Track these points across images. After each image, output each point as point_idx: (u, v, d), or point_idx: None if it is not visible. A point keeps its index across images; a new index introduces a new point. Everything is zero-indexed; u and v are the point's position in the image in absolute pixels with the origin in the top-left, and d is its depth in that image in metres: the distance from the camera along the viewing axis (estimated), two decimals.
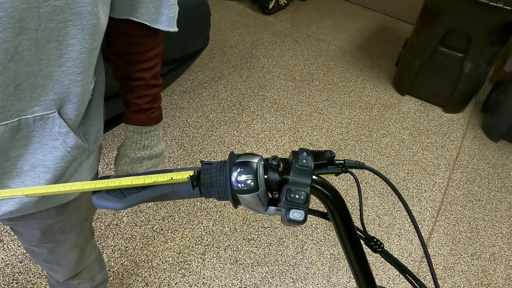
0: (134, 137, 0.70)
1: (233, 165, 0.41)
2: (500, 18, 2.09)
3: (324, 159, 0.46)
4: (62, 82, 0.51)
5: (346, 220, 0.48)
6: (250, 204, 0.42)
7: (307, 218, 0.41)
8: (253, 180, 0.40)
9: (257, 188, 0.41)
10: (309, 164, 0.42)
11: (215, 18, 3.01)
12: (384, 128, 2.36)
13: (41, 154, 0.56)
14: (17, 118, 0.50)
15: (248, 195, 0.41)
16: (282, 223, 0.43)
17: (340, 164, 0.47)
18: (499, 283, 1.67)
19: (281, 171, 0.42)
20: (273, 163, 0.42)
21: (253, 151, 2.02)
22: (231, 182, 0.41)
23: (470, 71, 2.35)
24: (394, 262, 0.54)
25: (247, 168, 0.41)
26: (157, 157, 0.74)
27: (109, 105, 1.93)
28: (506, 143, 2.44)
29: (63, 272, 0.86)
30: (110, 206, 0.41)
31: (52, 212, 0.68)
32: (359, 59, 2.95)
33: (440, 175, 2.12)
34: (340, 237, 0.49)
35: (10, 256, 1.41)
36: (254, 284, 1.49)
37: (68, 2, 0.45)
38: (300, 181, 0.42)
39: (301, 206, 0.41)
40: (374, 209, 1.85)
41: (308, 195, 0.41)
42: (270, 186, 0.42)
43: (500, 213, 1.97)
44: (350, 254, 0.50)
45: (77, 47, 0.49)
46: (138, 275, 1.44)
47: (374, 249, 0.54)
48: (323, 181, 0.45)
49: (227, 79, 2.47)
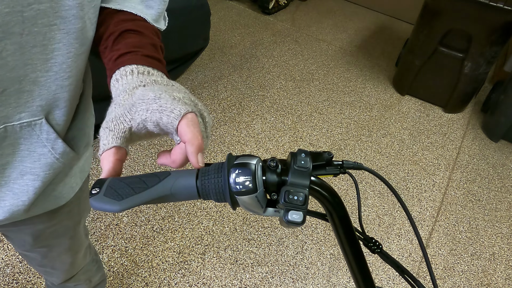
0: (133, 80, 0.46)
1: (231, 167, 0.41)
2: (500, 18, 2.09)
3: (322, 160, 0.46)
4: (49, 88, 0.49)
5: (344, 221, 0.48)
6: (248, 205, 0.42)
7: (305, 219, 0.41)
8: (252, 181, 0.40)
9: (255, 190, 0.40)
10: (307, 165, 0.42)
11: (215, 18, 3.01)
12: (384, 128, 2.36)
13: (29, 162, 0.54)
14: (3, 125, 0.49)
15: (246, 196, 0.40)
16: (280, 224, 0.43)
17: (338, 165, 0.47)
18: (499, 283, 1.67)
19: (280, 173, 0.42)
20: (271, 164, 0.42)
21: (253, 151, 2.02)
22: (229, 184, 0.40)
23: (470, 71, 2.35)
24: (393, 263, 0.54)
25: (245, 169, 0.40)
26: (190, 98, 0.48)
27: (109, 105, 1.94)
28: (506, 143, 2.44)
29: (58, 276, 0.86)
30: (108, 209, 0.41)
31: (43, 217, 0.66)
32: (359, 59, 2.95)
33: (440, 175, 2.12)
34: (338, 238, 0.49)
35: (10, 256, 1.41)
36: (254, 284, 1.49)
37: (52, 5, 0.44)
38: (298, 183, 0.42)
39: (299, 207, 0.40)
40: (374, 209, 1.85)
41: (306, 197, 0.41)
42: (269, 188, 0.42)
43: (500, 213, 1.97)
44: (349, 255, 0.50)
45: (63, 52, 0.48)
46: (138, 275, 1.44)
47: (373, 250, 0.54)
48: (322, 182, 0.45)
49: (227, 79, 2.47)
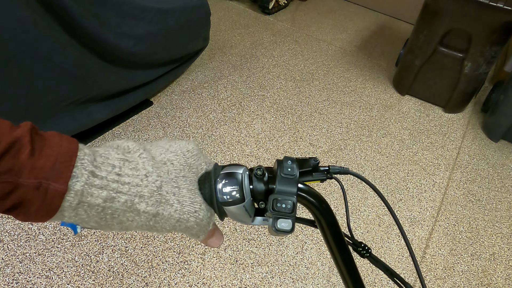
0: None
1: (217, 177, 0.41)
2: (500, 18, 2.09)
3: (309, 166, 0.45)
4: None
5: (333, 227, 0.47)
6: (236, 216, 0.41)
7: (294, 227, 0.40)
8: (239, 191, 0.40)
9: (243, 199, 0.40)
10: (294, 173, 0.42)
11: (215, 18, 3.01)
12: (384, 128, 2.36)
13: None
14: None
15: (234, 206, 0.40)
16: (269, 233, 0.43)
17: (324, 170, 0.47)
18: (499, 283, 1.67)
19: (267, 181, 0.42)
20: (258, 173, 0.41)
21: (253, 151, 2.02)
22: (216, 194, 0.40)
23: (470, 71, 2.35)
24: (382, 267, 0.54)
25: (232, 179, 0.40)
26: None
27: (109, 105, 1.95)
28: (506, 143, 2.44)
29: None
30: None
31: None
32: (359, 59, 2.95)
33: (440, 175, 2.12)
34: (328, 244, 0.49)
35: (10, 256, 1.41)
36: (254, 284, 1.49)
37: None
38: (286, 190, 0.41)
39: (288, 215, 0.40)
40: (374, 209, 1.85)
41: (294, 204, 0.41)
42: (256, 197, 0.42)
43: (500, 213, 1.97)
44: (339, 261, 0.50)
45: None
46: (138, 275, 1.44)
47: (362, 254, 0.54)
48: (309, 189, 0.44)
49: (227, 79, 2.47)
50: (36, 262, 1.41)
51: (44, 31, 1.41)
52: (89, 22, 1.54)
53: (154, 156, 0.38)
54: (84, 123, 1.75)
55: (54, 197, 0.30)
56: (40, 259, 1.42)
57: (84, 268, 1.42)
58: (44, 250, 1.45)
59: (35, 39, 1.39)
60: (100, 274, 1.42)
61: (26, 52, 1.38)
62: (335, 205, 1.83)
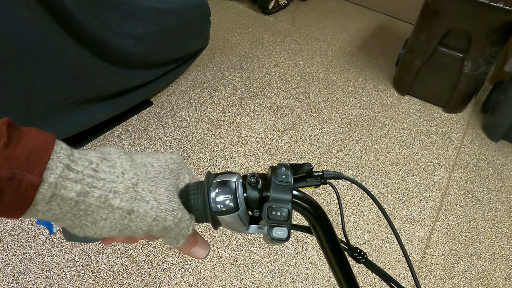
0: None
1: (210, 186, 0.40)
2: (500, 18, 2.09)
3: (303, 172, 0.45)
4: None
5: (328, 233, 0.47)
6: (231, 224, 0.41)
7: (290, 235, 0.40)
8: (233, 200, 0.39)
9: (237, 208, 0.39)
10: (288, 180, 0.41)
11: (215, 18, 3.01)
12: (384, 128, 2.36)
13: None
14: None
15: (228, 215, 0.39)
16: (264, 241, 0.42)
17: (319, 176, 0.46)
18: (499, 283, 1.67)
19: (261, 189, 0.41)
20: (251, 180, 0.41)
21: (253, 151, 2.02)
22: (209, 204, 0.39)
23: (470, 71, 2.35)
24: (378, 271, 0.54)
25: (225, 188, 0.39)
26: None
27: (109, 105, 1.95)
28: (506, 143, 2.44)
29: None
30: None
31: None
32: (359, 59, 2.95)
33: (440, 175, 2.12)
34: (323, 250, 0.49)
35: (10, 256, 1.41)
36: (254, 284, 1.49)
37: None
38: (280, 198, 0.41)
39: (283, 223, 0.40)
40: (374, 209, 1.85)
41: (290, 212, 0.40)
42: (250, 205, 0.41)
43: (500, 213, 1.97)
44: (335, 266, 0.50)
45: None
46: (138, 275, 1.44)
47: (358, 259, 0.53)
48: (304, 195, 0.44)
49: (227, 79, 2.47)
50: (36, 262, 1.41)
51: (44, 31, 1.41)
52: (89, 22, 1.54)
53: (134, 159, 0.38)
54: (84, 123, 1.75)
55: (28, 189, 0.30)
56: (40, 259, 1.42)
57: (84, 268, 1.42)
58: (44, 250, 1.45)
59: (35, 39, 1.39)
60: (100, 274, 1.42)
61: (26, 52, 1.38)
62: (332, 209, 1.83)
